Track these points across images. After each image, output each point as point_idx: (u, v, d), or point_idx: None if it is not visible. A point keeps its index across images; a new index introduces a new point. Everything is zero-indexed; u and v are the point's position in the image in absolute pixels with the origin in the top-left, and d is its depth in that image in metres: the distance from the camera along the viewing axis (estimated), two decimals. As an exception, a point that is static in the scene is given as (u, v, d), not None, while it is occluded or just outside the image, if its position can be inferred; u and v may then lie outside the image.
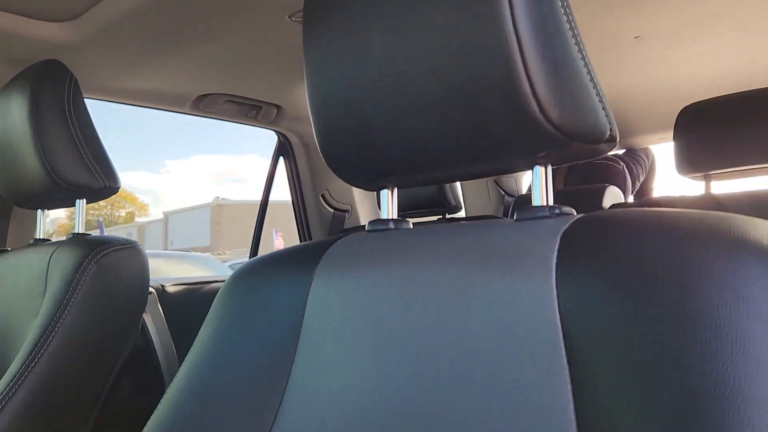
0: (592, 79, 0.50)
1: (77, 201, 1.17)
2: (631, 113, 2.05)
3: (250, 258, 2.09)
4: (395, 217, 0.67)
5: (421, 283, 0.54)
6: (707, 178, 1.39)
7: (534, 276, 0.47)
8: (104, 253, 1.05)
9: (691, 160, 1.37)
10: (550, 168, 0.55)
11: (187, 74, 1.45)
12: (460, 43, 0.49)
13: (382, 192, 0.67)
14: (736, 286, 0.38)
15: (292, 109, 1.75)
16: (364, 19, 0.55)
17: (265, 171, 2.01)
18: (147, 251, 1.21)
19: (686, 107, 1.42)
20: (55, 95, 1.11)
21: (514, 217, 0.56)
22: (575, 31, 0.50)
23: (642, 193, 2.49)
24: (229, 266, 8.30)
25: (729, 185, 1.46)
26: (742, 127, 1.30)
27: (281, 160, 2.03)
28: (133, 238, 1.19)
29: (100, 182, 1.12)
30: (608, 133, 0.51)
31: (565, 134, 0.49)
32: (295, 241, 2.09)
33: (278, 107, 1.74)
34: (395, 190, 0.67)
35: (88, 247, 1.05)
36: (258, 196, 2.04)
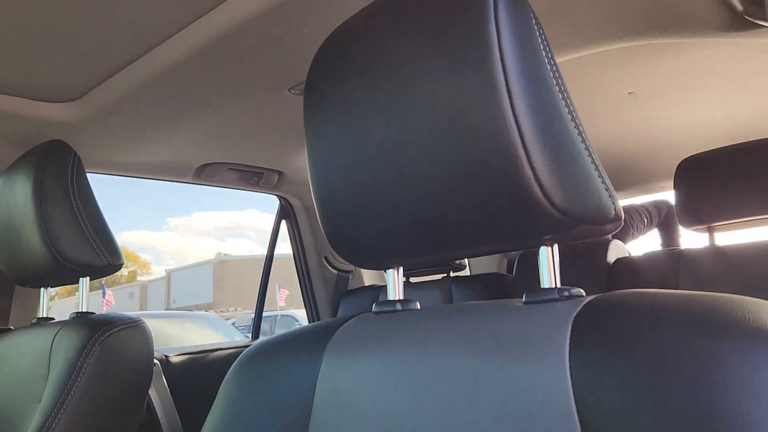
0: (593, 161, 0.50)
1: (81, 279, 1.16)
2: (629, 166, 2.06)
3: (255, 317, 2.08)
4: (401, 297, 0.66)
5: (430, 370, 0.53)
6: (710, 230, 1.39)
7: (547, 364, 0.46)
8: (108, 333, 1.03)
9: (693, 213, 1.37)
10: (556, 248, 0.55)
11: (188, 146, 1.46)
12: (461, 128, 0.50)
13: (387, 271, 0.67)
14: (755, 380, 0.37)
15: (293, 174, 1.77)
16: (364, 102, 0.56)
17: (267, 225, 2.05)
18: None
19: (685, 160, 1.43)
20: (59, 175, 1.11)
21: (523, 299, 0.55)
22: (574, 114, 0.50)
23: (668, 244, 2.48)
24: (233, 324, 8.21)
25: (732, 236, 1.45)
26: (743, 178, 1.31)
27: (283, 222, 2.04)
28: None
29: (103, 260, 1.12)
30: (612, 213, 0.51)
31: (569, 217, 0.49)
32: (299, 295, 2.09)
33: (279, 173, 1.75)
34: (400, 269, 0.67)
35: (91, 328, 1.04)
36: (260, 251, 2.05)
